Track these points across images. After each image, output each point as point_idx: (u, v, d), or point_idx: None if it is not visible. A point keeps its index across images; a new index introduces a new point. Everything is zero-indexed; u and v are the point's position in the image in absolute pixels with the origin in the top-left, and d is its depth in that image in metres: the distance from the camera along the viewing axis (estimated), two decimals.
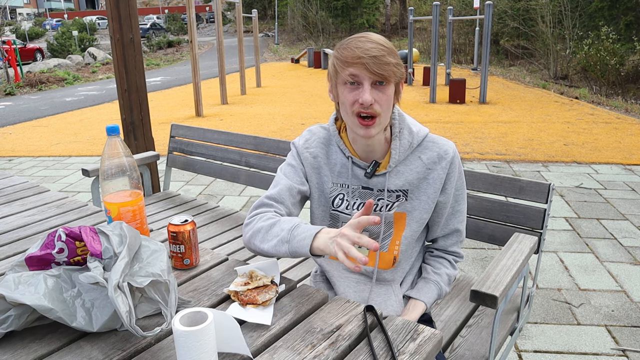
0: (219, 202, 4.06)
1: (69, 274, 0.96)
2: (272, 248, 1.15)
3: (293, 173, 1.29)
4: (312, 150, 1.28)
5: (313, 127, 1.33)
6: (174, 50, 27.16)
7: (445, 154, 1.23)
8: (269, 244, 1.16)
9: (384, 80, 1.12)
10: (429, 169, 1.23)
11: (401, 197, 1.24)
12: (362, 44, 1.10)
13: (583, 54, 12.46)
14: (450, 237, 1.33)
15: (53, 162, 5.66)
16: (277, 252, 1.14)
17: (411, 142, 1.22)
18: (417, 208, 1.25)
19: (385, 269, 1.30)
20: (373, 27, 28.00)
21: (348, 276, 1.32)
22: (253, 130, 6.83)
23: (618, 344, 2.16)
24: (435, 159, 1.23)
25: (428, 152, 1.23)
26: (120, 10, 3.07)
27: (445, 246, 1.35)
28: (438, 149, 1.23)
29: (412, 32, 11.61)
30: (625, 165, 4.89)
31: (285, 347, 0.90)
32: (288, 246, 1.11)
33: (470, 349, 1.37)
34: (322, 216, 1.31)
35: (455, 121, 7.20)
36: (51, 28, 37.15)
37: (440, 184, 1.23)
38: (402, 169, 1.23)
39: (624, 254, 2.99)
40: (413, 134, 1.23)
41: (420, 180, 1.23)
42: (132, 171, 1.23)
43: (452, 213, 1.30)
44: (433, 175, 1.23)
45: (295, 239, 1.11)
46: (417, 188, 1.23)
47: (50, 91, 13.30)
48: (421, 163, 1.23)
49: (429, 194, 1.24)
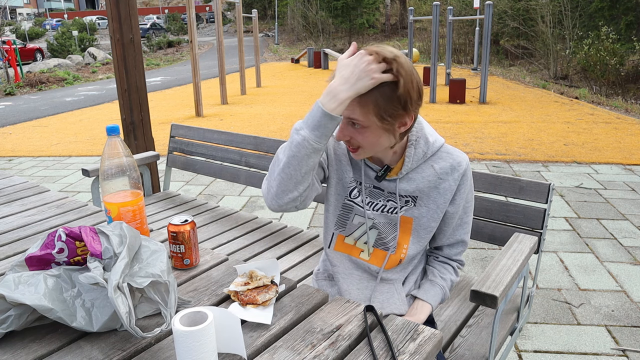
0: (219, 202, 4.06)
1: (69, 274, 0.96)
2: (288, 149, 1.07)
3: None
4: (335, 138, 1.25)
5: None
6: (174, 50, 27.16)
7: (458, 166, 1.22)
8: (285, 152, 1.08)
9: (357, 123, 1.09)
10: (440, 178, 1.22)
11: (410, 202, 1.24)
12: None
13: (583, 54, 12.45)
14: (456, 246, 1.34)
15: (53, 162, 5.66)
16: (297, 147, 1.05)
17: (426, 152, 1.21)
18: (425, 215, 1.25)
19: (389, 269, 1.31)
20: (373, 27, 28.00)
21: (352, 273, 1.33)
22: (253, 130, 6.83)
23: (618, 344, 2.16)
24: (448, 169, 1.22)
25: (441, 162, 1.23)
26: (120, 10, 3.07)
27: (450, 254, 1.36)
28: (452, 159, 1.22)
29: (412, 32, 11.60)
30: (625, 165, 4.89)
31: (285, 347, 0.90)
32: (304, 129, 1.05)
33: (470, 349, 1.37)
34: (335, 204, 1.30)
35: (455, 121, 7.19)
36: (51, 28, 37.17)
37: (450, 194, 1.23)
38: (414, 176, 1.23)
39: (624, 254, 2.99)
40: (429, 144, 1.22)
41: (430, 189, 1.23)
42: (132, 171, 1.23)
43: (459, 224, 1.30)
44: (444, 185, 1.22)
45: (308, 116, 1.05)
46: (427, 196, 1.23)
47: (50, 91, 13.30)
48: (433, 172, 1.22)
49: (439, 203, 1.24)
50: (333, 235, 1.34)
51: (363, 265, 1.31)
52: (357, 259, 1.31)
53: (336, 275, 1.34)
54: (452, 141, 5.93)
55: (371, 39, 26.92)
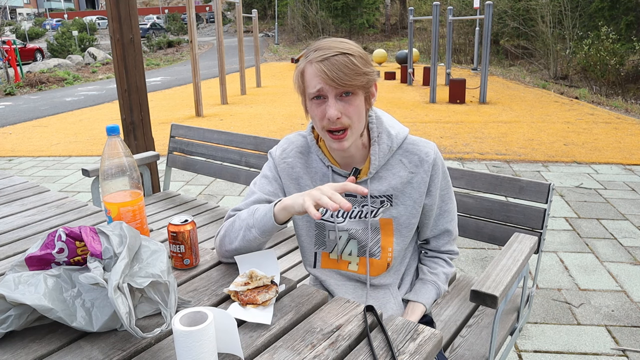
0: (219, 202, 4.06)
1: (69, 274, 0.96)
2: (242, 240, 1.15)
3: (266, 184, 1.27)
4: (289, 161, 1.26)
5: (291, 136, 1.30)
6: (174, 50, 27.16)
7: (426, 156, 1.20)
8: (237, 239, 1.16)
9: (350, 91, 1.09)
10: (411, 172, 1.21)
11: (385, 202, 1.22)
12: (323, 54, 1.06)
13: (583, 54, 12.46)
14: (441, 237, 1.32)
15: (53, 162, 5.66)
16: (249, 242, 1.15)
17: (390, 145, 1.20)
18: (403, 213, 1.23)
19: (379, 275, 1.29)
20: (373, 27, 28.02)
21: (345, 283, 1.31)
22: (253, 130, 6.83)
23: (618, 344, 2.16)
24: (417, 162, 1.20)
25: (409, 155, 1.21)
26: (120, 10, 3.07)
27: (437, 246, 1.34)
28: (419, 151, 1.21)
29: (412, 32, 11.61)
30: (625, 165, 4.89)
31: (285, 347, 0.90)
32: (255, 229, 1.13)
33: (470, 349, 1.37)
34: (307, 226, 1.29)
35: (455, 121, 7.19)
36: (51, 28, 37.17)
37: (424, 187, 1.21)
38: (385, 174, 1.21)
39: (624, 254, 2.99)
40: (392, 137, 1.20)
41: (404, 185, 1.21)
42: (132, 171, 1.23)
43: (439, 214, 1.28)
44: (417, 179, 1.21)
45: (259, 218, 1.12)
46: (402, 193, 1.21)
47: (50, 91, 13.30)
48: (403, 167, 1.21)
49: (415, 198, 1.22)
50: (316, 255, 1.31)
51: (353, 276, 1.29)
52: (347, 271, 1.29)
53: (330, 288, 1.32)
54: (452, 141, 5.94)
55: (371, 38, 26.93)
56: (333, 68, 1.05)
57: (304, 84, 1.13)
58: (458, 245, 1.36)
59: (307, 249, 1.32)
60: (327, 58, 1.06)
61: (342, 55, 1.06)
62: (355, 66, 1.07)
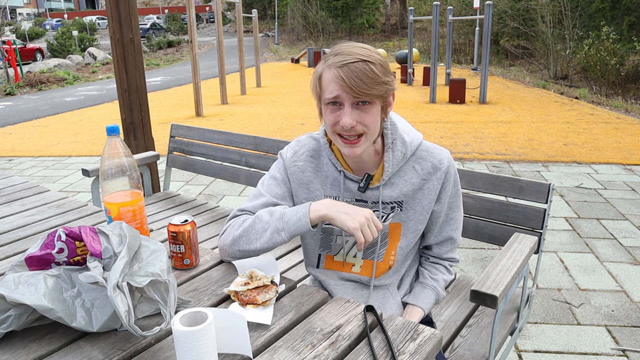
0: (219, 202, 4.06)
1: (68, 274, 0.96)
2: (267, 242, 1.14)
3: (275, 186, 1.25)
4: (300, 165, 1.24)
5: (302, 138, 1.28)
6: (174, 50, 27.16)
7: (440, 164, 1.19)
8: (260, 240, 1.14)
9: (367, 100, 1.07)
10: (423, 179, 1.19)
11: (396, 208, 1.21)
12: (343, 60, 1.04)
13: (583, 54, 12.45)
14: (444, 244, 1.31)
15: (53, 162, 5.66)
16: (274, 244, 1.14)
17: (404, 152, 1.18)
18: (412, 218, 1.22)
19: (381, 275, 1.29)
20: (373, 27, 28.01)
21: (345, 283, 1.31)
22: (253, 130, 6.83)
23: (618, 344, 2.16)
24: (430, 169, 1.19)
25: (422, 162, 1.20)
26: (120, 10, 3.07)
27: (440, 254, 1.33)
28: (432, 158, 1.19)
29: (412, 32, 11.60)
30: (625, 165, 4.89)
31: (285, 347, 0.90)
32: (285, 233, 1.12)
33: (470, 349, 1.37)
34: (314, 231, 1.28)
35: (455, 121, 7.19)
36: (51, 28, 37.17)
37: (435, 194, 1.21)
38: (397, 180, 1.20)
39: (624, 254, 2.99)
40: (406, 144, 1.18)
41: (415, 191, 1.20)
42: (132, 171, 1.23)
43: (445, 221, 1.28)
44: (428, 186, 1.20)
45: (291, 222, 1.11)
46: (412, 199, 1.21)
47: (50, 91, 13.30)
48: (416, 174, 1.19)
49: (424, 204, 1.21)
50: (320, 256, 1.31)
51: (355, 277, 1.29)
52: (349, 273, 1.29)
53: (329, 288, 1.32)
54: (452, 141, 5.93)
55: (371, 39, 26.92)
56: (352, 75, 1.03)
57: (320, 89, 1.10)
58: (458, 245, 1.35)
59: (310, 251, 1.32)
60: (346, 64, 1.03)
61: (362, 63, 1.03)
62: (375, 75, 1.04)
